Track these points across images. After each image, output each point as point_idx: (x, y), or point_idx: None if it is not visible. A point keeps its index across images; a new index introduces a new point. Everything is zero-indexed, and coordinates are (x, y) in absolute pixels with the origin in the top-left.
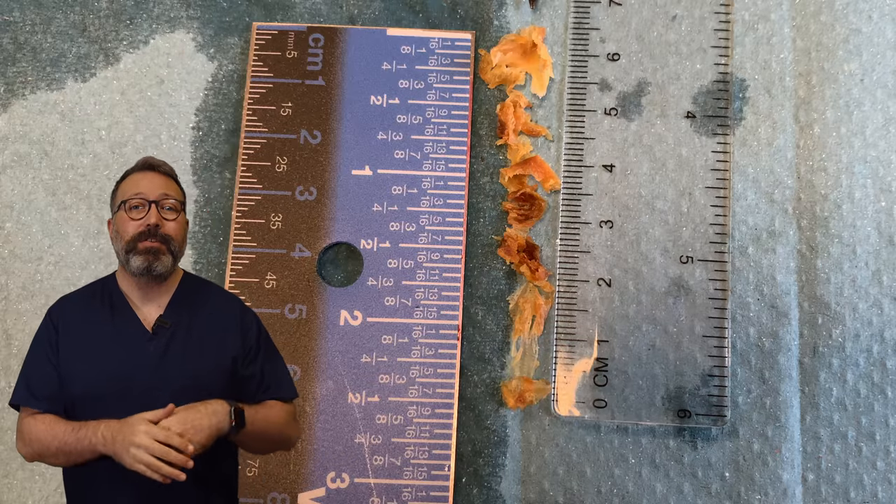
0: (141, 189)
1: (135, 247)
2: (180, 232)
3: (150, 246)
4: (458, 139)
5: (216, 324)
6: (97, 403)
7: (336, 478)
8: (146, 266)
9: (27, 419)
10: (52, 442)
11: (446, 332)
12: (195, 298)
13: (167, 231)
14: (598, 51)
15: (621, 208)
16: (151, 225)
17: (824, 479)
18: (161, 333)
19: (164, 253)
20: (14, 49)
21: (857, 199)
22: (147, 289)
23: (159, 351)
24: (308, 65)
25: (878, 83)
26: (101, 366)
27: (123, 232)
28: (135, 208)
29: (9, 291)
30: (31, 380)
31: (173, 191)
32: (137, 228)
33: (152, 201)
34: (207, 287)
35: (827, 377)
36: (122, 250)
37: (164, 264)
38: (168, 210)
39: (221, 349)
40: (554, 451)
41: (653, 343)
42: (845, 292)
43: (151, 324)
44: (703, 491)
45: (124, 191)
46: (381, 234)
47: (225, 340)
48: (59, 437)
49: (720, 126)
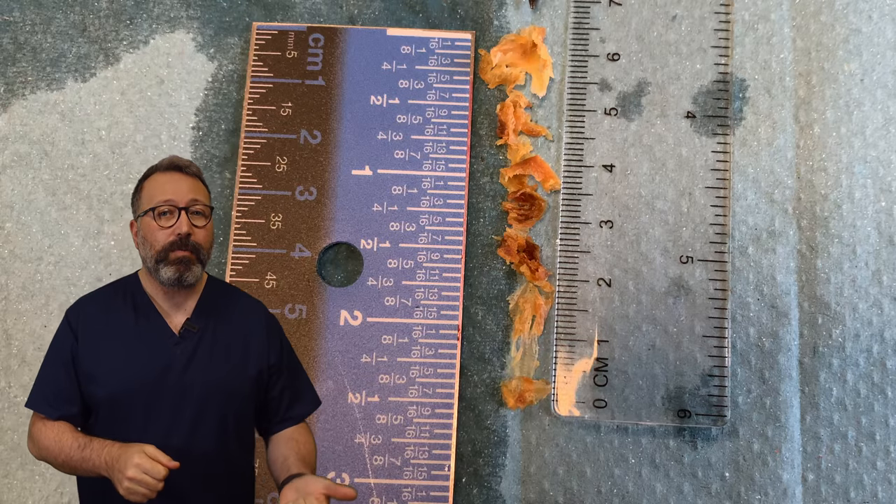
0: (169, 194)
1: (166, 257)
2: (209, 239)
3: (181, 256)
4: (458, 139)
5: (242, 329)
6: (122, 406)
7: (336, 478)
8: (178, 277)
9: (38, 423)
10: (58, 454)
11: (446, 332)
12: (221, 303)
13: (197, 239)
14: (598, 51)
15: (621, 208)
16: (183, 234)
17: (824, 479)
18: (188, 337)
19: (195, 263)
20: (14, 49)
21: (857, 199)
22: (173, 293)
23: (187, 354)
24: (308, 65)
25: (878, 83)
26: (126, 369)
27: (153, 240)
28: (163, 215)
29: (9, 291)
30: (45, 386)
31: (202, 194)
32: (168, 238)
33: (182, 208)
34: (232, 292)
35: (827, 377)
36: (152, 259)
37: (195, 274)
38: (197, 215)
39: (247, 355)
40: (554, 451)
41: (653, 343)
42: (845, 292)
43: (178, 328)
44: (703, 491)
45: (151, 194)
46: (381, 234)
47: (251, 346)
48: (64, 451)
49: (720, 126)
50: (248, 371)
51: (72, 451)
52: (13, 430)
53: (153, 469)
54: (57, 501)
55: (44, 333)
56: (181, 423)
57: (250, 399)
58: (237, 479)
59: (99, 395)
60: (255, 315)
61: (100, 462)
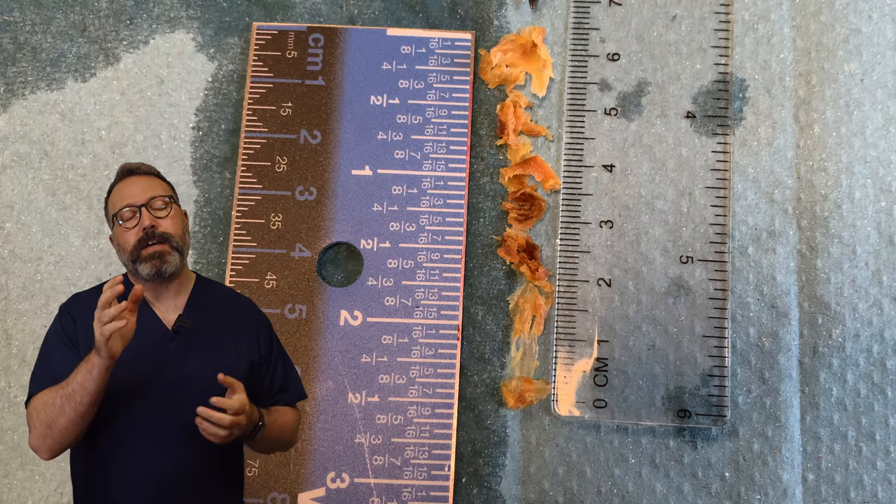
0: (127, 199)
1: (139, 255)
2: (178, 225)
3: (153, 250)
4: (458, 139)
5: (232, 325)
6: (115, 401)
7: (336, 478)
8: (155, 271)
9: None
10: (55, 399)
11: (446, 332)
12: (211, 300)
13: (164, 229)
14: (598, 51)
15: (621, 208)
16: (147, 228)
17: (824, 479)
18: (182, 332)
19: (169, 252)
20: (14, 49)
21: (857, 199)
22: (161, 289)
23: (180, 349)
24: (308, 65)
25: (878, 83)
26: (118, 364)
27: (124, 244)
28: (127, 218)
29: (9, 291)
30: (49, 370)
31: (159, 188)
32: (136, 236)
33: (141, 205)
34: (221, 289)
35: (827, 377)
36: (129, 261)
37: (172, 264)
38: (159, 209)
39: (239, 350)
40: (554, 451)
41: (653, 343)
42: (845, 292)
43: (171, 323)
44: (703, 491)
45: (113, 204)
46: (381, 234)
47: (242, 341)
48: (58, 391)
49: (720, 126)
50: (239, 365)
51: (61, 389)
52: (13, 430)
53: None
54: (57, 501)
55: (44, 333)
56: (176, 417)
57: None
58: (229, 472)
59: None
60: (245, 310)
61: (84, 365)
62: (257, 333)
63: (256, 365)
